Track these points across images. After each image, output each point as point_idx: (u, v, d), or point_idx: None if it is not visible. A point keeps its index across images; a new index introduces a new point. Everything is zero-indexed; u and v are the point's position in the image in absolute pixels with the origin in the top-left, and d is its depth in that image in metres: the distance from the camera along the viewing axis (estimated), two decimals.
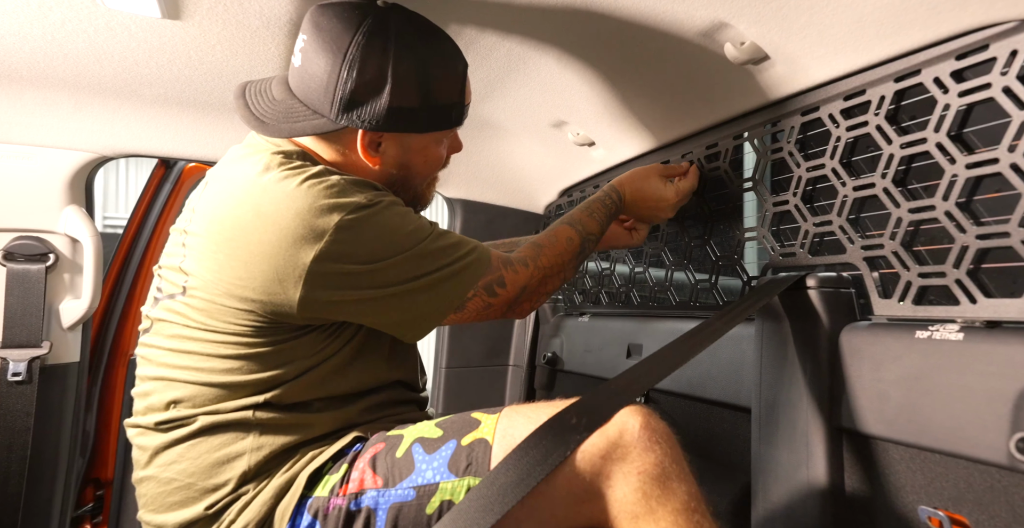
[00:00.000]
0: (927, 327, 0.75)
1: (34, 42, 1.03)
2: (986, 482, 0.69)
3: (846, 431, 0.84)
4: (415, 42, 0.80)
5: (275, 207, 0.73)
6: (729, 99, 1.06)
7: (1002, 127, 0.71)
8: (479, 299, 0.83)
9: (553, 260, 0.90)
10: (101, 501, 1.59)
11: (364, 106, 0.79)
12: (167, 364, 0.80)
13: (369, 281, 0.76)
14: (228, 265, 0.75)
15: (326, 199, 0.73)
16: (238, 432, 0.78)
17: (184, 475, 0.78)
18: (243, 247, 0.74)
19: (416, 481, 0.74)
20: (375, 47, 0.77)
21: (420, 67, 0.80)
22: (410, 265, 0.78)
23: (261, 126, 0.81)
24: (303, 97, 0.81)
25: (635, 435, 0.70)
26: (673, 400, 1.24)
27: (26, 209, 1.34)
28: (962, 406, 0.69)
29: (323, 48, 0.78)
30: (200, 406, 0.78)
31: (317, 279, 0.73)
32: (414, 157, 0.88)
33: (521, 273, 0.86)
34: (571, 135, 1.40)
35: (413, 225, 0.80)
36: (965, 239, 0.74)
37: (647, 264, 1.39)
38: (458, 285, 0.81)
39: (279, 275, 0.73)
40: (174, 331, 0.80)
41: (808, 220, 0.96)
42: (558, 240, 0.92)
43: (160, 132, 1.38)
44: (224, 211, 0.76)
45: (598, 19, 0.93)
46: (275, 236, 0.72)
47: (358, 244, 0.74)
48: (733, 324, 0.86)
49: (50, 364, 1.35)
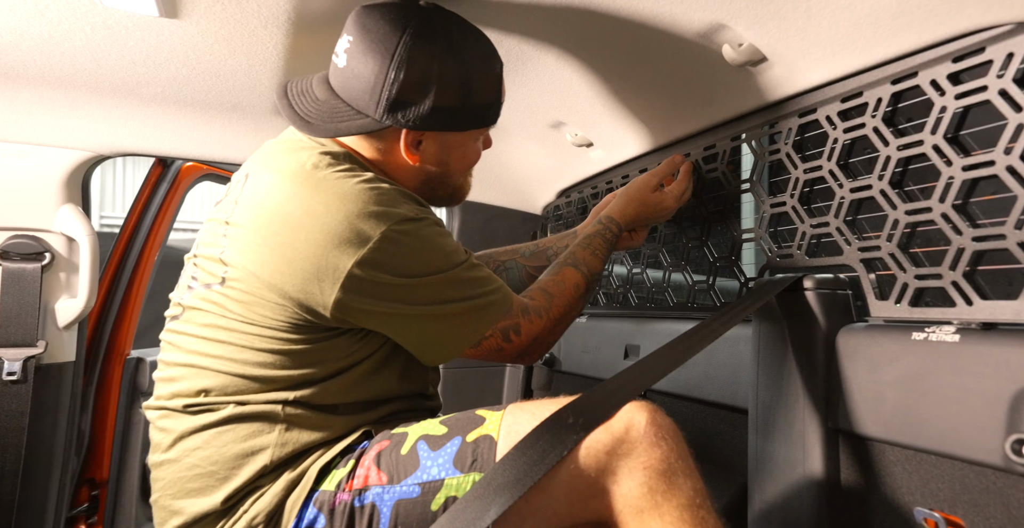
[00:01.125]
0: (923, 329, 0.76)
1: (31, 40, 1.03)
2: (982, 483, 0.70)
3: (842, 432, 0.84)
4: (459, 43, 0.82)
5: (325, 208, 0.74)
6: (727, 101, 1.06)
7: (998, 129, 0.71)
8: (494, 340, 0.84)
9: (563, 310, 0.90)
10: (96, 501, 1.58)
11: (409, 107, 0.80)
12: (198, 352, 0.81)
13: (400, 295, 0.77)
14: (271, 259, 0.76)
15: (376, 206, 0.75)
16: (264, 425, 0.79)
17: (207, 462, 0.78)
18: (288, 243, 0.75)
19: (421, 477, 0.74)
20: (422, 48, 0.79)
21: (463, 68, 0.82)
22: (441, 288, 0.79)
23: (307, 126, 0.81)
24: (347, 97, 0.82)
25: (641, 431, 0.70)
26: (670, 401, 1.24)
27: (22, 208, 1.33)
28: (958, 408, 0.70)
29: (371, 49, 0.79)
30: (230, 395, 0.79)
31: (354, 284, 0.74)
32: (452, 154, 0.89)
33: (535, 324, 0.86)
34: (569, 136, 1.41)
35: (451, 247, 0.82)
36: (961, 241, 0.75)
37: (645, 265, 1.39)
38: (481, 320, 0.82)
39: (319, 274, 0.74)
40: (209, 320, 0.80)
41: (805, 222, 0.97)
42: (566, 287, 0.92)
43: (157, 131, 1.37)
44: (272, 206, 0.77)
45: (596, 20, 0.93)
46: (321, 236, 0.74)
47: (398, 256, 0.76)
48: (730, 325, 0.86)
49: (45, 363, 1.35)
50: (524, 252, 1.22)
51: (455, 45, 0.81)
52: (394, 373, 0.88)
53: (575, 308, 0.93)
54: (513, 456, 0.69)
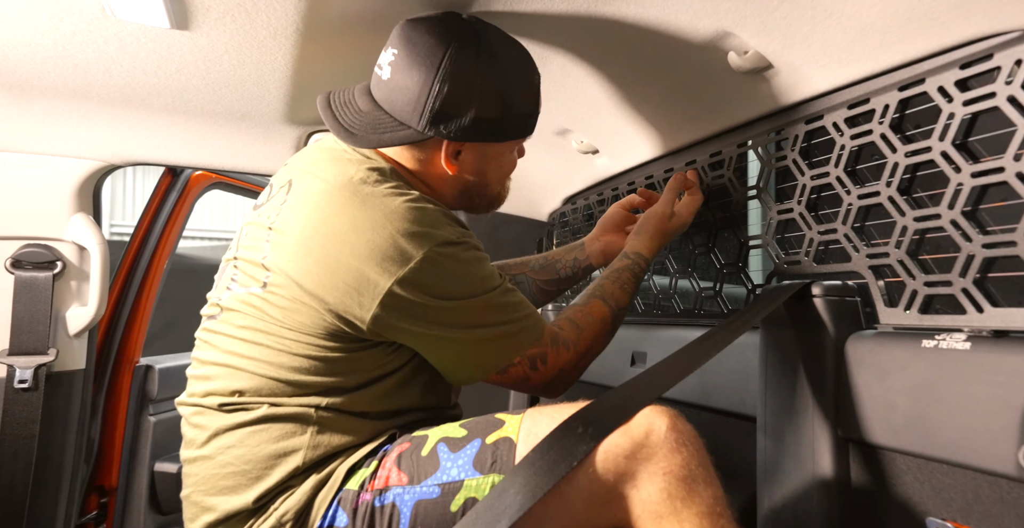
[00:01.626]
0: (933, 336, 0.75)
1: (45, 53, 1.04)
2: (995, 493, 0.69)
3: (852, 441, 0.83)
4: (501, 56, 0.85)
5: (371, 224, 0.76)
6: (733, 108, 1.06)
7: (1007, 136, 0.71)
8: (521, 368, 0.84)
9: (589, 344, 0.91)
10: (105, 508, 1.59)
11: (452, 119, 0.82)
12: (234, 352, 0.82)
13: (436, 317, 0.78)
14: (315, 270, 0.77)
15: (420, 227, 0.77)
16: (297, 427, 0.80)
17: (241, 461, 0.79)
18: (333, 256, 0.76)
19: (441, 479, 0.75)
20: (466, 62, 0.81)
21: (505, 80, 0.84)
22: (477, 312, 0.81)
23: (351, 137, 0.83)
24: (391, 109, 0.84)
25: (662, 436, 0.70)
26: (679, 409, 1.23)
27: (34, 217, 1.35)
28: (970, 416, 0.69)
29: (416, 62, 0.80)
30: (264, 396, 0.80)
31: (392, 301, 0.76)
32: (490, 164, 0.92)
33: (562, 355, 0.87)
34: (575, 143, 1.41)
35: (487, 272, 0.83)
36: (971, 248, 0.74)
37: (651, 272, 1.39)
38: (511, 345, 0.83)
39: (359, 289, 0.75)
40: (247, 322, 0.81)
41: (813, 228, 0.96)
42: (594, 321, 0.92)
43: (167, 141, 1.39)
44: (319, 217, 0.79)
45: (602, 27, 0.94)
46: (365, 251, 0.75)
47: (437, 278, 0.77)
48: (738, 333, 0.86)
49: (56, 371, 1.36)
50: (534, 266, 1.22)
51: (498, 58, 0.84)
52: (421, 385, 0.89)
53: (601, 343, 0.93)
54: (525, 466, 0.69)
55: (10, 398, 1.29)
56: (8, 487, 1.27)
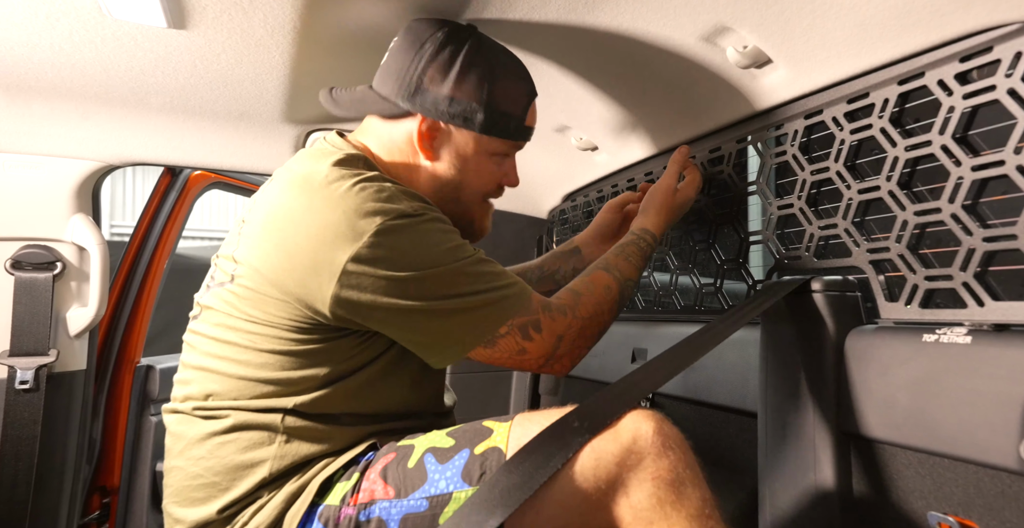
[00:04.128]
0: (934, 330, 0.75)
1: (42, 53, 1.04)
2: (996, 487, 0.69)
3: (853, 436, 0.83)
4: (489, 50, 0.87)
5: (325, 204, 0.76)
6: (732, 103, 1.06)
7: (1008, 129, 0.71)
8: (512, 338, 0.80)
9: (592, 309, 0.85)
10: (107, 509, 1.59)
11: (428, 93, 0.84)
12: (209, 353, 0.82)
13: (401, 290, 0.75)
14: (274, 255, 0.77)
15: (372, 202, 0.75)
16: (265, 437, 0.79)
17: (210, 473, 0.79)
18: (290, 238, 0.76)
19: (429, 491, 0.73)
20: (450, 44, 0.84)
21: (487, 69, 0.85)
22: (445, 281, 0.77)
23: (333, 105, 0.89)
24: (379, 88, 0.88)
25: (648, 440, 0.70)
26: (678, 404, 1.24)
27: (34, 218, 1.35)
28: (971, 410, 0.69)
29: (405, 43, 0.86)
30: (233, 399, 0.80)
31: (351, 279, 0.74)
32: (467, 162, 0.90)
33: (559, 321, 0.82)
34: (574, 140, 1.41)
35: (455, 243, 0.80)
36: (972, 242, 0.74)
37: (651, 268, 1.39)
38: (492, 315, 0.79)
39: (317, 269, 0.74)
40: (219, 319, 0.81)
41: (813, 223, 0.96)
42: (596, 287, 0.88)
43: (166, 141, 1.39)
44: (279, 203, 0.79)
45: (601, 23, 0.94)
46: (319, 230, 0.74)
47: (396, 250, 0.75)
48: (737, 327, 0.86)
49: (57, 372, 1.36)
50: (531, 278, 1.21)
51: (484, 50, 0.86)
52: (399, 384, 0.86)
53: (606, 310, 0.87)
54: (518, 460, 0.68)
55: (11, 399, 1.29)
56: (10, 488, 1.27)
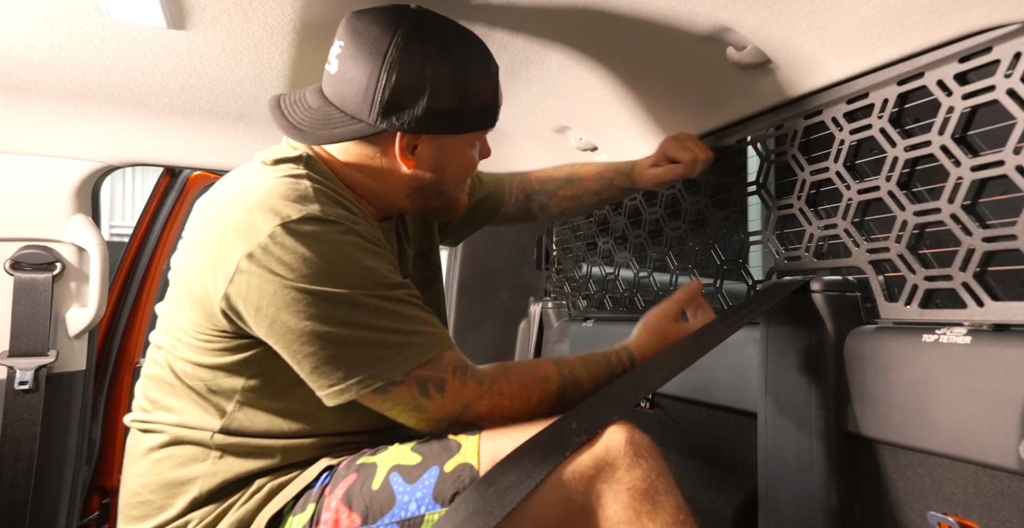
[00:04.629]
0: (934, 330, 0.75)
1: (41, 53, 1.04)
2: (996, 487, 0.69)
3: (853, 436, 0.83)
4: (452, 44, 0.80)
5: (235, 198, 0.73)
6: (732, 103, 1.06)
7: (1007, 129, 0.71)
8: (407, 390, 0.72)
9: (515, 391, 0.77)
10: (107, 509, 1.59)
11: (403, 109, 0.77)
12: (152, 359, 0.82)
13: (290, 302, 0.69)
14: (188, 253, 0.76)
15: (279, 200, 0.71)
16: (197, 454, 0.76)
17: (147, 490, 0.78)
18: (201, 235, 0.74)
19: (399, 515, 0.68)
20: (414, 50, 0.76)
21: (457, 69, 0.79)
22: (344, 306, 0.70)
23: (299, 134, 0.79)
24: (340, 103, 0.79)
25: (620, 451, 0.69)
26: (679, 405, 1.23)
27: (33, 218, 1.35)
28: (970, 410, 0.69)
29: (362, 52, 0.77)
30: (167, 410, 0.79)
31: (242, 279, 0.69)
32: (449, 160, 0.85)
33: (470, 387, 0.74)
34: (574, 140, 1.41)
35: (370, 266, 0.73)
36: (971, 242, 0.74)
37: (652, 269, 1.39)
38: (388, 358, 0.71)
39: (215, 265, 0.71)
40: (160, 325, 0.82)
41: (813, 223, 0.96)
42: (532, 371, 0.80)
43: (165, 141, 1.39)
44: (205, 201, 0.78)
45: (600, 23, 0.94)
46: (223, 225, 0.71)
47: (294, 255, 0.69)
48: (737, 328, 0.86)
49: (57, 372, 1.36)
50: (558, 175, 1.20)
51: (449, 46, 0.79)
52: None
53: (534, 398, 0.78)
54: (515, 458, 0.68)
55: (11, 400, 1.29)
56: (9, 488, 1.27)
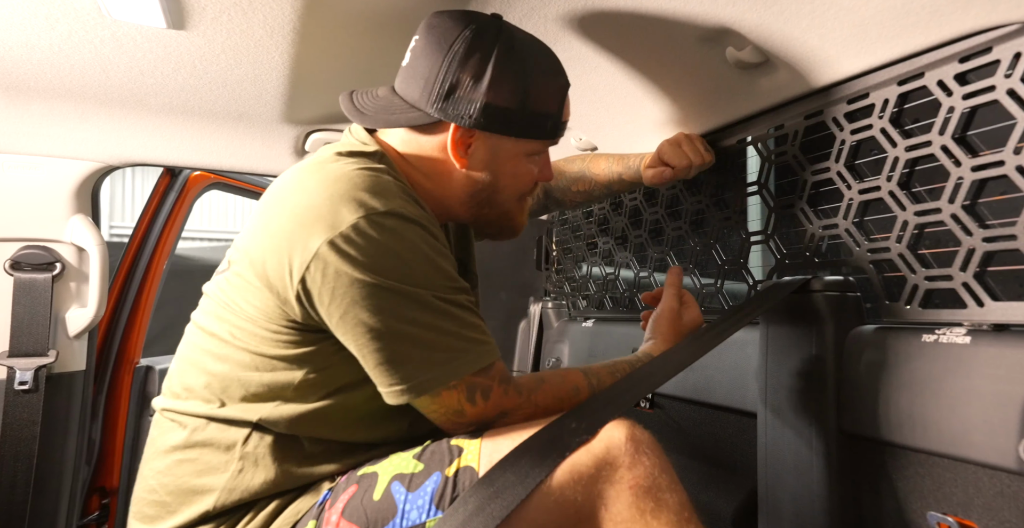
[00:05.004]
0: (934, 330, 0.75)
1: (41, 53, 1.04)
2: (995, 487, 0.69)
3: (853, 436, 0.83)
4: (521, 46, 0.81)
5: (315, 185, 0.72)
6: (732, 103, 1.06)
7: (1007, 129, 0.71)
8: (457, 396, 0.73)
9: (549, 402, 0.78)
10: (107, 510, 1.59)
11: (461, 101, 0.78)
12: (194, 344, 0.80)
13: (364, 295, 0.69)
14: (259, 235, 0.74)
15: (363, 192, 0.71)
16: (219, 463, 0.75)
17: (164, 491, 0.76)
18: (275, 219, 0.73)
19: (400, 525, 0.67)
20: (480, 45, 0.78)
21: (521, 70, 0.79)
22: (416, 304, 0.71)
23: (360, 116, 0.82)
24: (404, 93, 0.82)
25: (621, 449, 0.68)
26: (678, 405, 1.24)
27: (33, 218, 1.34)
28: (970, 410, 0.69)
29: (431, 44, 0.79)
30: (204, 401, 0.76)
31: (320, 266, 0.69)
32: (503, 166, 0.84)
33: (511, 396, 0.75)
34: (574, 140, 1.41)
35: (441, 267, 0.73)
36: (971, 242, 0.74)
37: (652, 269, 1.39)
38: (452, 360, 0.72)
39: (291, 250, 0.70)
40: (210, 309, 0.79)
41: (814, 223, 0.96)
42: (564, 383, 0.80)
43: (165, 141, 1.39)
44: (278, 185, 0.77)
45: (600, 24, 0.94)
46: (302, 211, 0.71)
47: (371, 248, 0.69)
48: (737, 327, 0.86)
49: (56, 373, 1.36)
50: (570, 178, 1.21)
51: (517, 48, 0.80)
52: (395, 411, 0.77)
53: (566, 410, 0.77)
54: (513, 458, 0.67)
55: (10, 400, 1.29)
56: (9, 489, 1.27)
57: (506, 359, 1.89)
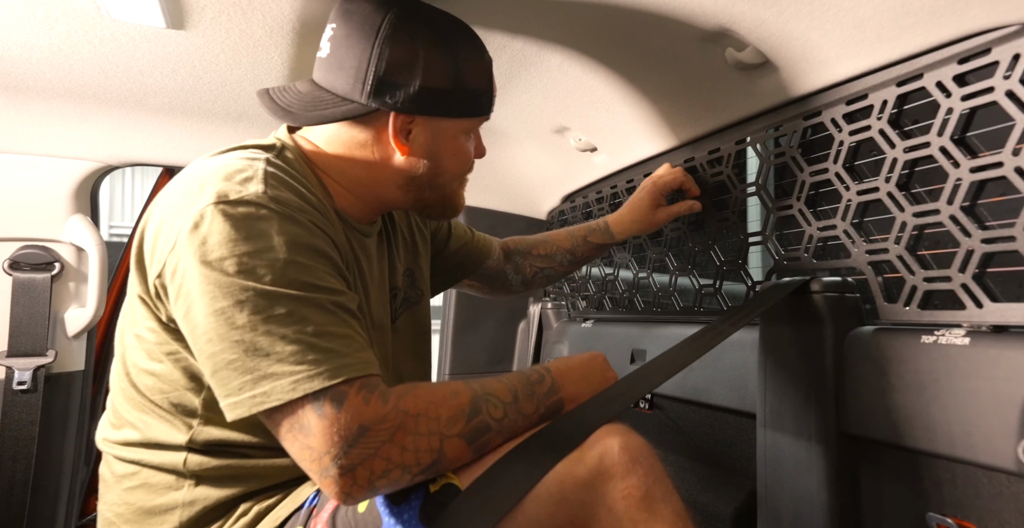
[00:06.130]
0: (933, 332, 0.75)
1: (40, 53, 1.04)
2: (994, 488, 0.69)
3: (852, 437, 0.83)
4: (444, 27, 0.79)
5: (187, 176, 0.70)
6: (731, 104, 1.06)
7: (1006, 131, 0.71)
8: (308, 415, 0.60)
9: (420, 407, 0.64)
10: None
11: (397, 87, 0.75)
12: (115, 372, 0.77)
13: (204, 286, 0.62)
14: (147, 233, 0.71)
15: (222, 180, 0.67)
16: (171, 482, 0.73)
17: (121, 520, 0.75)
18: (153, 215, 0.71)
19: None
20: (407, 28, 0.75)
21: (450, 50, 0.78)
22: (255, 302, 0.61)
23: (288, 116, 0.78)
24: (331, 86, 0.78)
25: (615, 459, 0.66)
26: (677, 406, 1.24)
27: (32, 218, 1.34)
28: (969, 411, 0.69)
29: (353, 31, 0.76)
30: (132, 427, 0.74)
31: (174, 257, 0.65)
32: (444, 147, 0.82)
33: (373, 405, 0.62)
34: (573, 141, 1.41)
35: (300, 263, 0.64)
36: (970, 243, 0.74)
37: (651, 269, 1.39)
38: (290, 375, 0.60)
39: (157, 240, 0.68)
40: (126, 314, 0.77)
41: (812, 224, 0.96)
42: (440, 387, 0.69)
43: (165, 141, 1.39)
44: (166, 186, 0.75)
45: (600, 24, 0.94)
46: (173, 200, 0.69)
47: (218, 237, 0.63)
48: (736, 328, 0.86)
49: (55, 373, 1.36)
50: (562, 261, 1.23)
51: (441, 29, 0.78)
52: None
53: (444, 418, 0.65)
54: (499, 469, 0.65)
55: (9, 400, 1.29)
56: (8, 489, 1.27)
57: (506, 360, 1.90)
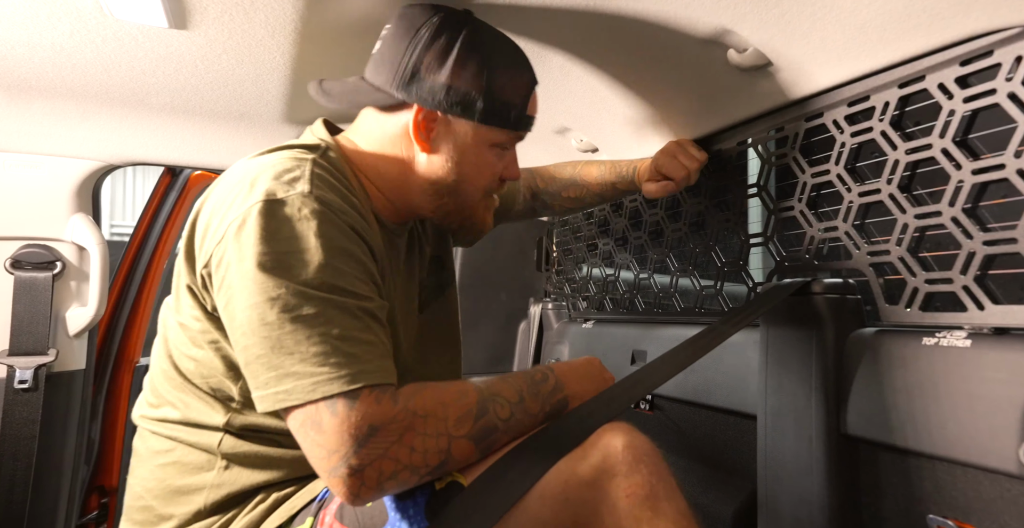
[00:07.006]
0: (934, 334, 0.75)
1: (43, 52, 1.04)
2: (995, 491, 0.69)
3: (853, 438, 0.83)
4: (488, 37, 0.82)
5: (237, 173, 0.72)
6: (732, 105, 1.06)
7: (1008, 133, 0.71)
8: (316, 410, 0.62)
9: (429, 408, 0.65)
10: (106, 509, 1.59)
11: (424, 82, 0.79)
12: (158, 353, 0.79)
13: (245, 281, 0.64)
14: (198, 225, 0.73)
15: (271, 179, 0.68)
16: (204, 460, 0.75)
17: (150, 495, 0.77)
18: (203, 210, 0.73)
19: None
20: (447, 31, 0.80)
21: (484, 56, 0.80)
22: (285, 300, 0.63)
23: (325, 96, 0.85)
24: (372, 79, 0.83)
25: (618, 457, 0.66)
26: (678, 407, 1.23)
27: (34, 217, 1.35)
28: (970, 414, 0.69)
29: (400, 30, 0.81)
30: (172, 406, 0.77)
31: (220, 250, 0.67)
32: (466, 154, 0.83)
33: (384, 406, 0.62)
34: (574, 142, 1.41)
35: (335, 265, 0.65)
36: (972, 245, 0.74)
37: (652, 270, 1.39)
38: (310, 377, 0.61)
39: (216, 233, 0.69)
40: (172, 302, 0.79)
41: (814, 226, 0.96)
42: (448, 388, 0.69)
43: (167, 140, 1.39)
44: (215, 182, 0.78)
45: (601, 25, 0.94)
46: (225, 195, 0.70)
47: (262, 234, 0.64)
48: (737, 329, 0.86)
49: (56, 372, 1.36)
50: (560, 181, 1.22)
51: (483, 36, 0.81)
52: None
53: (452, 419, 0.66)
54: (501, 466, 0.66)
55: (10, 398, 1.29)
56: (8, 487, 1.27)
57: (506, 360, 1.90)
